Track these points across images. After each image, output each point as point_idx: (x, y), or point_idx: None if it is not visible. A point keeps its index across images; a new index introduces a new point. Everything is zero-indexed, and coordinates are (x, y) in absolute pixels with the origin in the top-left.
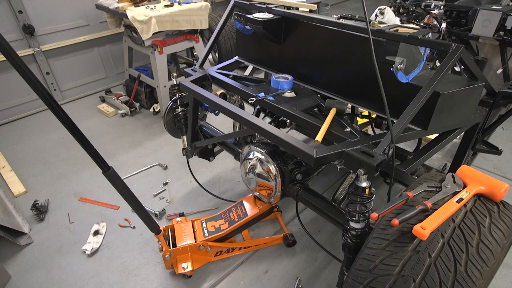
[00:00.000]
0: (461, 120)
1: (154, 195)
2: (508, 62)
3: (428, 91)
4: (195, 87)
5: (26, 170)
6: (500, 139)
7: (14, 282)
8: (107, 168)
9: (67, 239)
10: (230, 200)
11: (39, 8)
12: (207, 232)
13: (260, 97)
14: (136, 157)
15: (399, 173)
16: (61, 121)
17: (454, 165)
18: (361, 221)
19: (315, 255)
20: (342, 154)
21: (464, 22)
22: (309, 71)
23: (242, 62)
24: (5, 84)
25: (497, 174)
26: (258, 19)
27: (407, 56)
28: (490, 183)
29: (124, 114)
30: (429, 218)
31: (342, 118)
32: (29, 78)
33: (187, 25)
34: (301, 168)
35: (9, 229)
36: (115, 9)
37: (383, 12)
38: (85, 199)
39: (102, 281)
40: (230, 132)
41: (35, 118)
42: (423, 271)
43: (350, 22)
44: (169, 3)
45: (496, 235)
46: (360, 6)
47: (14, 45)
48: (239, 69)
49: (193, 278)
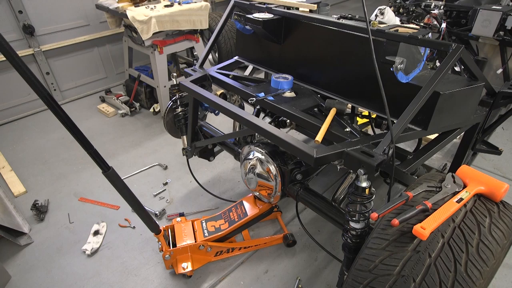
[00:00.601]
0: (461, 120)
1: (154, 195)
2: (508, 62)
3: (428, 91)
4: (195, 87)
5: (26, 170)
6: (500, 139)
7: (14, 282)
8: (107, 168)
9: (67, 239)
10: (230, 200)
11: (39, 8)
12: (207, 232)
13: (260, 97)
14: (136, 157)
15: (399, 173)
16: (61, 121)
17: (454, 165)
18: (361, 221)
19: (315, 255)
20: (342, 154)
21: (464, 22)
22: (309, 71)
23: (242, 62)
24: (5, 84)
25: (497, 174)
26: (258, 19)
27: (407, 56)
28: (490, 183)
29: (124, 114)
30: (429, 218)
31: (342, 118)
32: (29, 78)
33: (187, 25)
34: (301, 168)
35: (9, 229)
36: (115, 9)
37: (383, 12)
38: (85, 199)
39: (102, 281)
40: (230, 132)
41: (35, 118)
42: (423, 271)
43: (350, 22)
44: (169, 3)
45: (496, 235)
46: (360, 6)
47: (14, 45)
48: (239, 69)
49: (193, 278)
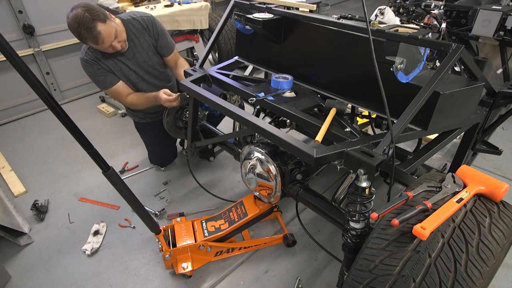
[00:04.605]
0: (461, 120)
1: (154, 195)
2: (508, 62)
3: (428, 91)
4: (195, 87)
5: (26, 170)
6: (500, 139)
7: (14, 282)
8: (107, 168)
9: (67, 239)
10: (230, 200)
11: (39, 8)
12: (207, 232)
13: (260, 97)
14: (136, 157)
15: (399, 173)
16: (61, 121)
17: (454, 165)
18: (361, 221)
19: (315, 255)
20: (342, 154)
21: (464, 22)
22: (309, 71)
23: (242, 62)
24: (5, 84)
25: (497, 174)
26: (258, 19)
27: (407, 56)
28: (490, 183)
29: (124, 114)
30: (429, 218)
31: (342, 118)
32: (29, 78)
33: (187, 25)
34: (301, 168)
35: (9, 229)
36: (115, 9)
37: (383, 12)
38: (85, 199)
39: (102, 281)
40: (230, 132)
41: (35, 118)
42: (423, 271)
43: (350, 22)
44: (169, 3)
45: (496, 235)
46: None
47: (14, 45)
48: (239, 69)
49: (193, 278)
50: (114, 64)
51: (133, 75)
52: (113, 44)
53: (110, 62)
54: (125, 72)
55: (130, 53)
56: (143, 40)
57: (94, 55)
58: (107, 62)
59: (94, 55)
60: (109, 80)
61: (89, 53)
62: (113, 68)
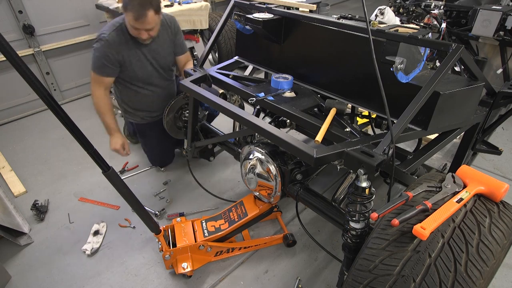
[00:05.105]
0: (461, 120)
1: (154, 195)
2: (508, 62)
3: (428, 91)
4: (195, 87)
5: (26, 170)
6: (500, 139)
7: (14, 282)
8: (107, 168)
9: (67, 239)
10: (230, 200)
11: (39, 8)
12: (207, 232)
13: (260, 97)
14: (136, 157)
15: (399, 173)
16: (61, 121)
17: (454, 165)
18: (361, 221)
19: (315, 255)
20: (342, 154)
21: (464, 22)
22: (309, 71)
23: (242, 62)
24: (5, 84)
25: (497, 174)
26: (258, 19)
27: (407, 56)
28: (490, 183)
29: None
30: (429, 218)
31: (342, 118)
32: (29, 78)
33: (187, 25)
34: (301, 168)
35: (9, 229)
36: (115, 9)
37: (383, 12)
38: (85, 199)
39: (102, 281)
40: (230, 132)
41: (35, 118)
42: (423, 271)
43: (350, 22)
44: (169, 3)
45: (496, 235)
46: (360, 6)
47: (14, 45)
48: (239, 69)
49: (193, 278)
50: (134, 53)
51: (149, 67)
52: (143, 31)
53: (131, 50)
54: (143, 62)
55: (153, 46)
56: (166, 36)
57: (118, 39)
58: (127, 50)
59: (118, 39)
60: (107, 70)
61: (114, 36)
62: (132, 57)
